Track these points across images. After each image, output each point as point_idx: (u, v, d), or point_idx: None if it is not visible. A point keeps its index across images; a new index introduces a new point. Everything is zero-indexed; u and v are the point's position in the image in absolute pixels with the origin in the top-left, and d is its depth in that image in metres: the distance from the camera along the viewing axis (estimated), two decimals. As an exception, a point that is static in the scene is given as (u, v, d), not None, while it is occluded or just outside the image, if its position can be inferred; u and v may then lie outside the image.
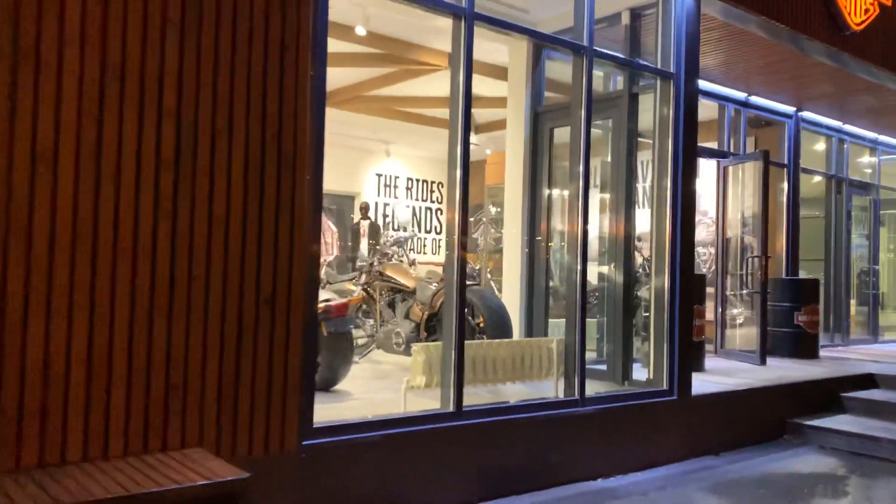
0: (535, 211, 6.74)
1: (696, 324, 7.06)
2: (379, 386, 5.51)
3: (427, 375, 4.38)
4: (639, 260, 8.59)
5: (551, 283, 7.06)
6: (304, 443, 3.65)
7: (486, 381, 4.72)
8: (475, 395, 4.73)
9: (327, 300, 5.08)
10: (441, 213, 14.74)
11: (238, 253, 3.42)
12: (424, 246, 14.48)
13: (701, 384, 6.11)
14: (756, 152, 8.25)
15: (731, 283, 8.82)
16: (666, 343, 5.69)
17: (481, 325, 5.89)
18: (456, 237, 4.41)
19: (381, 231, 13.07)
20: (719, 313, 8.64)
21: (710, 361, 7.72)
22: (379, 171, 13.77)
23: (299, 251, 3.60)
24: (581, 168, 5.20)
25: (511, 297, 6.76)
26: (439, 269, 13.05)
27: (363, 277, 7.01)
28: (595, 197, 6.53)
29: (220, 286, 3.37)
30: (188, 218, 3.30)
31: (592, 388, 5.60)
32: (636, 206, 6.48)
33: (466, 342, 4.57)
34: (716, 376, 6.79)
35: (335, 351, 5.01)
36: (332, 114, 10.08)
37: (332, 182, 13.59)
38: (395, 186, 14.08)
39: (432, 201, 14.66)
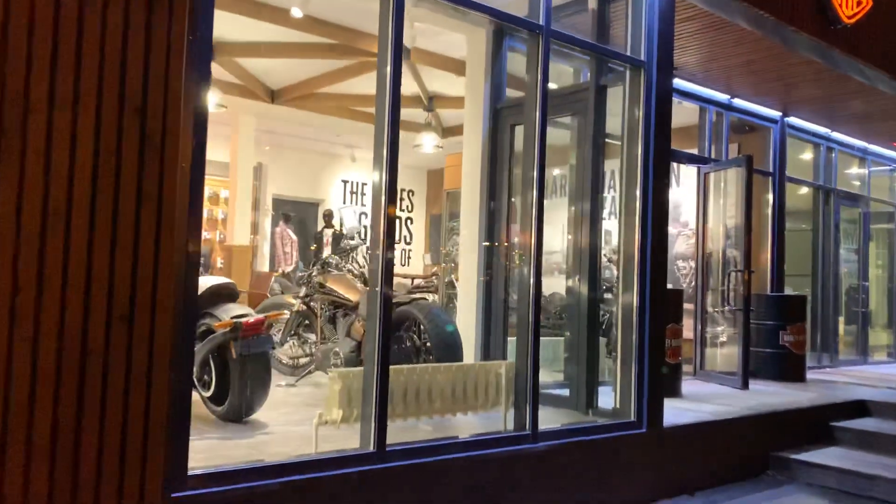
0: (493, 218, 6.06)
1: (672, 344, 6.39)
2: (306, 416, 4.77)
3: (345, 408, 3.67)
4: (613, 273, 7.92)
5: (513, 298, 6.41)
6: (174, 495, 2.93)
7: (420, 414, 4.01)
8: (409, 431, 4.03)
9: (240, 316, 4.36)
10: (412, 223, 14.06)
11: (82, 256, 2.70)
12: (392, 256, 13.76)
13: (675, 413, 5.43)
14: (739, 157, 7.62)
15: (712, 300, 8.17)
16: (634, 367, 5.00)
17: (428, 345, 5.19)
18: (380, 247, 3.72)
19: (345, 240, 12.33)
20: (699, 331, 7.97)
21: (687, 385, 7.05)
22: (345, 177, 13.06)
23: (167, 255, 2.89)
24: (535, 173, 4.54)
25: (467, 313, 6.07)
26: (407, 282, 12.36)
27: (303, 290, 6.29)
28: (561, 205, 5.88)
29: (58, 298, 2.64)
30: (13, 211, 2.58)
31: (551, 418, 4.91)
32: (606, 215, 5.86)
33: (394, 367, 3.87)
34: (692, 402, 6.11)
35: (247, 376, 4.29)
36: (285, 112, 9.42)
37: (294, 188, 12.92)
38: (363, 193, 13.38)
39: (402, 209, 13.97)
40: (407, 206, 14.01)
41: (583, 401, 5.35)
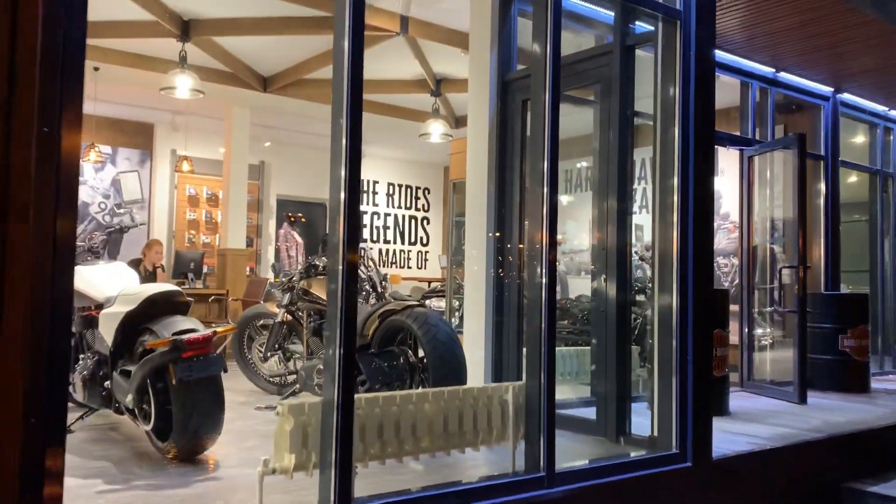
0: (504, 210, 5.18)
1: (718, 354, 5.45)
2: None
3: (299, 452, 2.82)
4: (647, 273, 7.00)
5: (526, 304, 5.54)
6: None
7: (402, 454, 3.15)
8: (390, 475, 3.17)
9: (183, 332, 3.54)
10: (428, 223, 13.21)
11: None
12: (409, 259, 12.95)
13: (724, 438, 4.50)
14: (789, 136, 6.64)
15: (758, 300, 7.21)
16: (675, 382, 4.08)
17: (424, 362, 4.34)
18: (339, 250, 2.87)
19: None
20: (745, 336, 7.00)
21: (735, 399, 6.11)
22: (369, 176, 12.26)
23: (19, 239, 2.07)
24: (545, 163, 3.62)
25: (474, 322, 5.21)
26: (424, 286, 11.52)
27: (286, 297, 5.47)
28: (588, 199, 5.02)
29: None
30: None
31: (573, 450, 4.03)
32: (637, 209, 4.97)
33: (369, 396, 3.02)
34: (743, 423, 5.17)
35: (192, 405, 3.46)
36: (282, 104, 8.62)
37: (300, 187, 12.13)
38: (374, 193, 12.57)
39: (417, 209, 13.13)
40: (423, 206, 13.17)
41: (612, 425, 4.45)
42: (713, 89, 4.33)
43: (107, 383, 3.92)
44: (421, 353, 4.36)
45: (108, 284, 4.08)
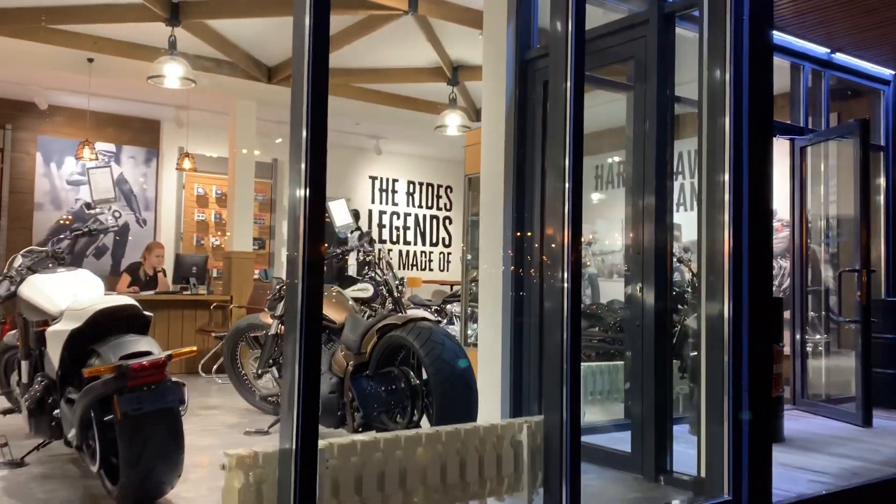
0: (523, 206, 4.55)
1: (773, 372, 4.75)
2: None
3: (252, 515, 2.21)
4: (685, 276, 6.31)
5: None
6: None
7: (389, 511, 2.52)
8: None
9: (134, 354, 2.96)
10: (450, 223, 12.58)
11: None
12: (430, 261, 12.34)
13: (782, 475, 3.82)
14: (850, 123, 5.88)
15: (811, 304, 6.48)
16: (727, 410, 3.40)
17: (428, 387, 3.72)
18: (300, 252, 2.25)
19: (375, 242, 10.97)
20: (799, 347, 6.26)
21: (788, 420, 5.40)
22: (372, 172, 11.67)
23: None
24: (567, 156, 2.97)
25: (490, 335, 4.58)
26: (446, 289, 10.89)
27: (279, 307, 4.89)
28: (622, 196, 4.36)
29: None
30: None
31: (604, 493, 3.38)
32: (675, 207, 4.33)
33: (336, 442, 2.40)
34: (801, 453, 4.46)
35: (141, 443, 2.87)
36: (287, 95, 8.11)
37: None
38: (394, 191, 11.97)
39: (439, 208, 12.51)
40: (445, 204, 12.55)
41: (650, 460, 3.79)
42: (771, 71, 3.63)
43: (56, 412, 3.37)
44: (425, 374, 3.74)
45: (63, 295, 3.52)
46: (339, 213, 5.12)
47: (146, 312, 3.29)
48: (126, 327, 3.18)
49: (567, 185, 2.95)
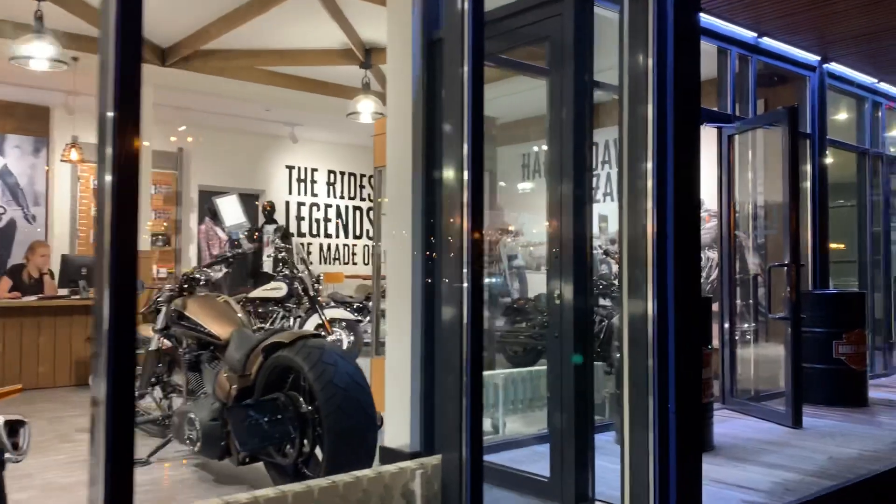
0: (434, 200, 4.10)
1: (703, 377, 4.45)
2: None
3: None
4: (613, 269, 5.97)
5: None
6: None
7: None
8: None
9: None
10: (373, 213, 12.07)
11: None
12: (354, 255, 11.81)
13: (712, 493, 3.52)
14: (778, 111, 5.63)
15: (741, 294, 6.27)
16: (653, 425, 3.04)
17: (318, 416, 3.23)
18: (104, 245, 1.77)
19: (292, 237, 10.40)
20: (728, 343, 6.02)
21: (718, 424, 5.15)
22: (289, 162, 11.04)
23: None
24: (466, 148, 2.55)
25: (399, 344, 4.13)
26: (370, 284, 10.38)
27: (160, 319, 4.31)
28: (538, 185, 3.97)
29: None
30: None
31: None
32: (601, 196, 3.94)
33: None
34: (732, 465, 4.17)
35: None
36: (193, 81, 7.39)
37: (226, 177, 10.84)
38: (314, 181, 11.37)
39: (362, 199, 11.98)
40: (368, 195, 12.03)
41: (570, 485, 3.41)
42: (698, 55, 3.25)
43: None
44: (316, 401, 3.25)
45: None
46: (229, 211, 4.56)
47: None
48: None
49: (466, 175, 2.52)
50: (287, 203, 11.02)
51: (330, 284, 9.73)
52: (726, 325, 5.98)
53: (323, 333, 5.12)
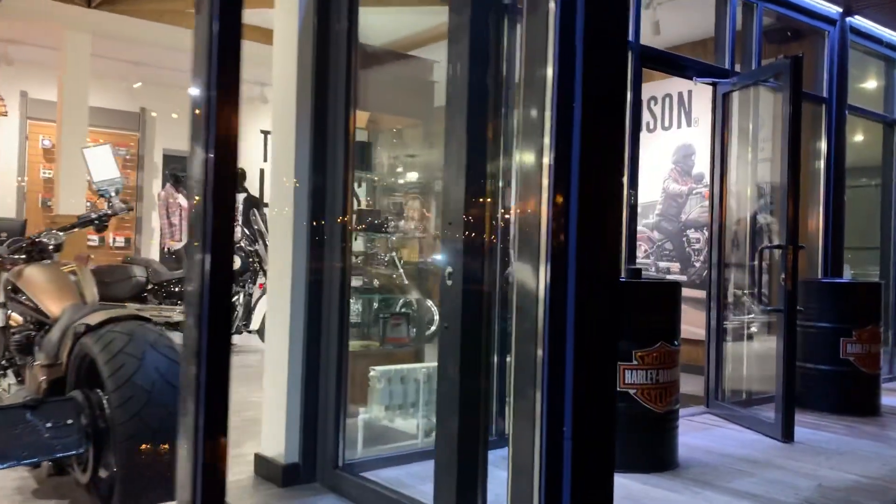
0: (324, 167, 3.33)
1: (662, 380, 3.62)
2: None
3: None
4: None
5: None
6: None
7: None
8: None
9: None
10: (358, 185, 11.27)
11: None
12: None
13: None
14: (778, 61, 4.69)
15: (734, 285, 5.41)
16: (540, 442, 2.20)
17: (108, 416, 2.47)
18: None
19: (264, 206, 9.64)
20: (714, 336, 5.16)
21: (695, 431, 4.33)
22: (264, 126, 10.27)
23: None
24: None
25: (279, 336, 3.36)
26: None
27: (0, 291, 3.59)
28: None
29: None
30: None
31: None
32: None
33: None
34: (692, 490, 3.34)
35: None
36: (139, 30, 6.51)
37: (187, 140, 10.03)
38: (293, 149, 10.58)
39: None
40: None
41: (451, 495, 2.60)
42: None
43: None
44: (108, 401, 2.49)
45: None
46: (98, 164, 3.80)
47: None
48: None
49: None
50: (262, 171, 10.27)
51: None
52: (713, 315, 5.11)
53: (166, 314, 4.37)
